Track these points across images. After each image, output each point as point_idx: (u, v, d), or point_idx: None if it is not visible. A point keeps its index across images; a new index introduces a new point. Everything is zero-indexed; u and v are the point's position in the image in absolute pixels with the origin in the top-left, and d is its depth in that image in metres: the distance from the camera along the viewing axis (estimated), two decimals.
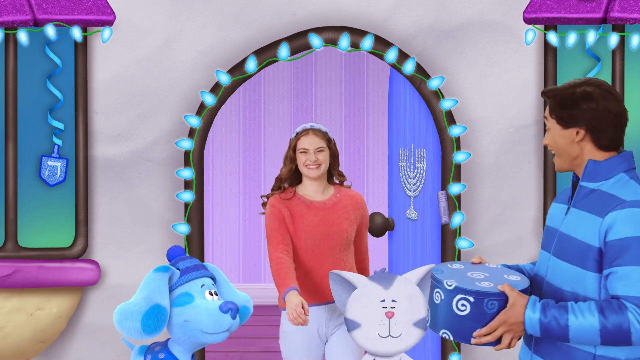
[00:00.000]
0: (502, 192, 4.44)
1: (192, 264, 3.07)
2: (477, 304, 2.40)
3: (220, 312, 2.94)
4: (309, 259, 3.73)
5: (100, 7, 4.35)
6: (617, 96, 2.52)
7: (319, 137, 3.78)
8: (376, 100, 7.36)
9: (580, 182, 2.54)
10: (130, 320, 2.92)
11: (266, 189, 7.42)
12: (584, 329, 2.37)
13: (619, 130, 2.53)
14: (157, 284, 2.96)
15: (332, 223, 3.76)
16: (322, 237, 3.73)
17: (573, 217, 2.52)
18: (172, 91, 4.43)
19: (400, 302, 3.02)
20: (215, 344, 3.19)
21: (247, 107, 7.42)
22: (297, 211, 3.76)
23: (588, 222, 2.45)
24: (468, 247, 4.37)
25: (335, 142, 3.89)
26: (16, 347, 4.40)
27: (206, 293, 3.00)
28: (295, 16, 4.43)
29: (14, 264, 4.36)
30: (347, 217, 3.80)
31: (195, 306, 2.95)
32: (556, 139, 2.56)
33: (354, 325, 3.03)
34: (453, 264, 2.62)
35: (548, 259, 2.59)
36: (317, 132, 3.80)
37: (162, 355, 2.99)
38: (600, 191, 2.48)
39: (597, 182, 2.51)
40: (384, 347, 3.05)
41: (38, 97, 4.42)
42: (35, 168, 4.44)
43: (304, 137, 3.78)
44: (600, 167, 2.51)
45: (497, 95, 4.42)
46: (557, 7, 4.32)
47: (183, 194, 4.40)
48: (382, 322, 3.02)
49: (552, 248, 2.58)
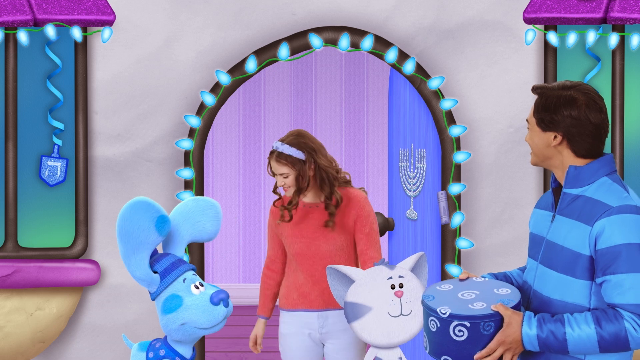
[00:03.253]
0: (502, 192, 4.44)
1: (168, 263, 2.96)
2: (473, 328, 2.41)
3: (213, 305, 2.88)
4: (300, 264, 3.69)
5: (100, 7, 4.35)
6: (601, 107, 2.50)
7: (280, 163, 3.60)
8: (376, 100, 7.36)
9: (564, 189, 2.53)
10: (150, 210, 2.85)
11: (266, 189, 7.43)
12: (582, 341, 2.38)
13: (597, 141, 2.51)
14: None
15: (316, 228, 3.65)
16: (308, 241, 3.65)
17: (559, 225, 2.51)
18: (172, 91, 4.44)
19: (407, 278, 3.02)
20: (214, 344, 3.17)
21: (247, 107, 7.42)
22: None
23: (576, 230, 2.45)
24: (468, 247, 4.37)
25: (314, 156, 3.61)
26: (16, 347, 4.40)
27: (192, 287, 2.92)
28: (295, 16, 4.43)
29: (14, 264, 4.36)
30: (337, 221, 3.64)
31: (187, 307, 2.88)
32: (534, 139, 2.58)
33: (361, 310, 3.02)
34: (441, 285, 2.61)
35: (535, 267, 2.58)
36: (278, 159, 3.61)
37: (162, 352, 2.98)
38: (585, 197, 2.47)
39: (580, 188, 2.50)
40: (392, 328, 3.04)
41: (38, 97, 4.42)
42: (35, 168, 4.44)
43: (270, 160, 3.65)
44: (581, 172, 2.50)
45: (497, 95, 4.42)
46: (557, 7, 4.32)
47: (183, 194, 4.40)
48: (393, 302, 3.02)
49: (539, 256, 2.57)
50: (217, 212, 3.08)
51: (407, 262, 3.09)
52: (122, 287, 4.46)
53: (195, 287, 2.93)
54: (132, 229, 2.87)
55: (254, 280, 7.48)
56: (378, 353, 3.08)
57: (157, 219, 2.89)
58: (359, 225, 3.67)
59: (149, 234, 2.88)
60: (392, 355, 3.07)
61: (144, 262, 2.91)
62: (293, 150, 3.60)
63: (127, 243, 2.88)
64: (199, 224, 3.05)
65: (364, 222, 3.66)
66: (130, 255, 2.89)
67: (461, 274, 2.68)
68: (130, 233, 2.88)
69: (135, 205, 2.88)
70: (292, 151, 3.60)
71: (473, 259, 4.40)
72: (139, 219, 2.87)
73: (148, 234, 2.88)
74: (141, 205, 2.88)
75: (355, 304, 3.00)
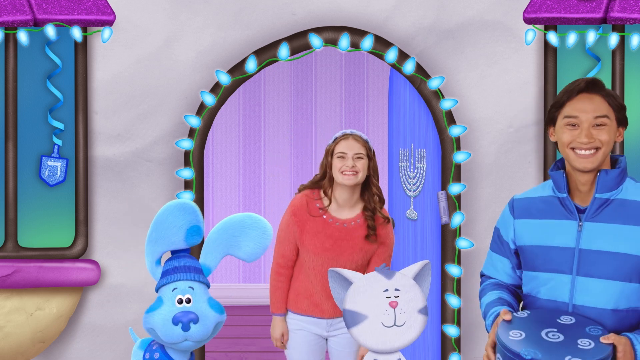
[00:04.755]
0: (502, 192, 4.44)
1: (173, 265, 2.94)
2: None
3: (172, 324, 2.83)
4: (314, 275, 3.67)
5: (100, 7, 4.35)
6: None
7: (360, 143, 3.60)
8: (376, 100, 7.36)
9: (596, 195, 2.48)
10: (193, 215, 2.89)
11: (266, 189, 7.42)
12: None
13: None
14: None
15: (343, 251, 3.62)
16: (329, 260, 3.62)
17: (594, 231, 2.46)
18: (172, 91, 4.44)
19: (404, 290, 3.02)
20: (215, 344, 3.15)
21: (247, 107, 7.42)
22: (312, 227, 3.64)
23: (627, 233, 2.40)
24: (468, 247, 4.37)
25: (375, 154, 3.67)
26: (16, 347, 4.40)
27: (176, 299, 2.87)
28: (295, 16, 4.43)
29: (14, 264, 4.36)
30: (363, 247, 3.64)
31: (157, 314, 2.85)
32: (612, 137, 2.54)
33: (358, 317, 3.03)
34: (513, 333, 2.46)
35: (571, 281, 2.50)
36: (358, 138, 3.62)
37: (157, 355, 2.98)
38: (619, 200, 2.44)
39: (610, 192, 2.47)
40: (387, 337, 3.04)
41: (38, 97, 4.42)
42: (35, 168, 4.44)
43: (342, 142, 3.61)
44: (611, 176, 2.48)
45: (497, 95, 4.42)
46: (557, 7, 4.32)
47: (183, 194, 4.40)
48: (387, 312, 3.02)
49: (573, 268, 2.50)
50: (260, 234, 3.03)
51: (411, 269, 3.09)
52: (122, 287, 4.47)
53: (179, 302, 2.88)
54: (166, 221, 2.91)
55: (254, 280, 7.48)
56: (377, 356, 3.09)
57: (192, 226, 2.92)
58: (380, 251, 3.67)
59: (177, 234, 2.92)
60: (391, 357, 3.08)
61: (155, 255, 2.94)
62: (368, 139, 3.66)
63: (154, 230, 2.91)
64: (235, 239, 3.02)
65: (385, 250, 3.68)
66: (150, 242, 2.92)
67: (504, 314, 2.52)
68: (162, 224, 2.91)
69: (182, 205, 2.92)
70: (369, 139, 3.66)
71: (473, 259, 4.40)
72: (177, 217, 2.91)
73: (175, 234, 2.92)
74: (187, 207, 2.92)
75: (353, 312, 3.01)
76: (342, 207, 3.66)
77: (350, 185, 3.60)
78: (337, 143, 3.64)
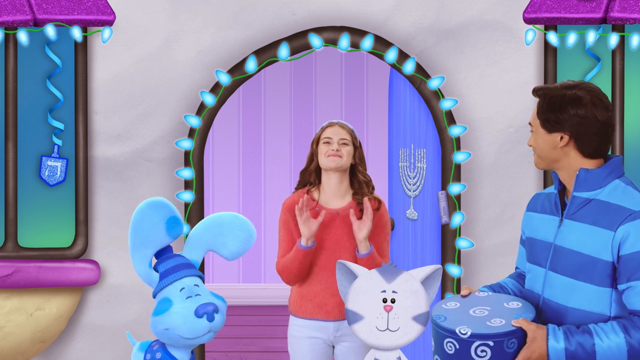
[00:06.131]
0: (502, 192, 4.44)
1: (172, 265, 2.96)
2: (497, 346, 2.34)
3: (196, 317, 2.85)
4: (318, 274, 3.65)
5: (100, 7, 4.35)
6: (607, 104, 2.46)
7: (345, 130, 3.69)
8: (376, 100, 7.36)
9: (574, 193, 2.48)
10: (165, 209, 2.90)
11: (266, 189, 7.43)
12: (612, 351, 2.32)
13: (604, 140, 2.47)
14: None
15: (339, 240, 3.61)
16: (329, 254, 3.60)
17: (570, 229, 2.46)
18: (172, 91, 4.44)
19: (402, 295, 3.01)
20: (215, 344, 3.16)
21: (247, 107, 7.42)
22: None
23: (594, 235, 2.39)
24: (468, 247, 4.37)
25: (361, 145, 3.75)
26: (16, 347, 4.40)
27: (186, 296, 2.88)
28: (295, 16, 4.43)
29: (14, 264, 4.36)
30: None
31: (172, 313, 2.86)
32: (539, 142, 2.52)
33: (356, 317, 3.03)
34: (447, 303, 2.53)
35: (544, 274, 2.53)
36: (344, 125, 3.72)
37: (159, 355, 2.97)
38: (598, 201, 2.42)
39: (591, 192, 2.45)
40: (381, 340, 3.04)
41: (38, 97, 4.42)
42: (35, 168, 4.44)
43: (328, 128, 3.70)
44: (592, 175, 2.45)
45: (497, 95, 4.42)
46: (557, 7, 4.32)
47: (183, 194, 4.40)
48: (381, 316, 3.02)
49: (547, 262, 2.52)
50: (246, 237, 3.06)
51: (420, 272, 3.07)
52: (122, 287, 4.47)
53: (188, 298, 2.90)
54: (142, 222, 2.91)
55: (254, 280, 7.48)
56: (377, 354, 3.08)
57: (169, 218, 2.93)
58: (375, 233, 3.64)
59: (158, 231, 2.92)
60: (391, 356, 3.07)
61: (146, 259, 2.93)
62: (354, 128, 3.73)
63: (135, 236, 2.92)
64: (222, 237, 3.05)
65: (380, 231, 3.66)
66: (136, 249, 2.92)
67: (462, 289, 2.62)
68: (140, 226, 2.91)
69: (152, 202, 2.92)
70: (354, 129, 3.73)
71: (473, 259, 4.40)
72: (152, 215, 2.91)
73: (157, 231, 2.91)
74: (157, 203, 2.93)
75: (352, 311, 3.02)
76: (332, 197, 3.67)
77: (335, 170, 3.62)
78: (324, 130, 3.71)
